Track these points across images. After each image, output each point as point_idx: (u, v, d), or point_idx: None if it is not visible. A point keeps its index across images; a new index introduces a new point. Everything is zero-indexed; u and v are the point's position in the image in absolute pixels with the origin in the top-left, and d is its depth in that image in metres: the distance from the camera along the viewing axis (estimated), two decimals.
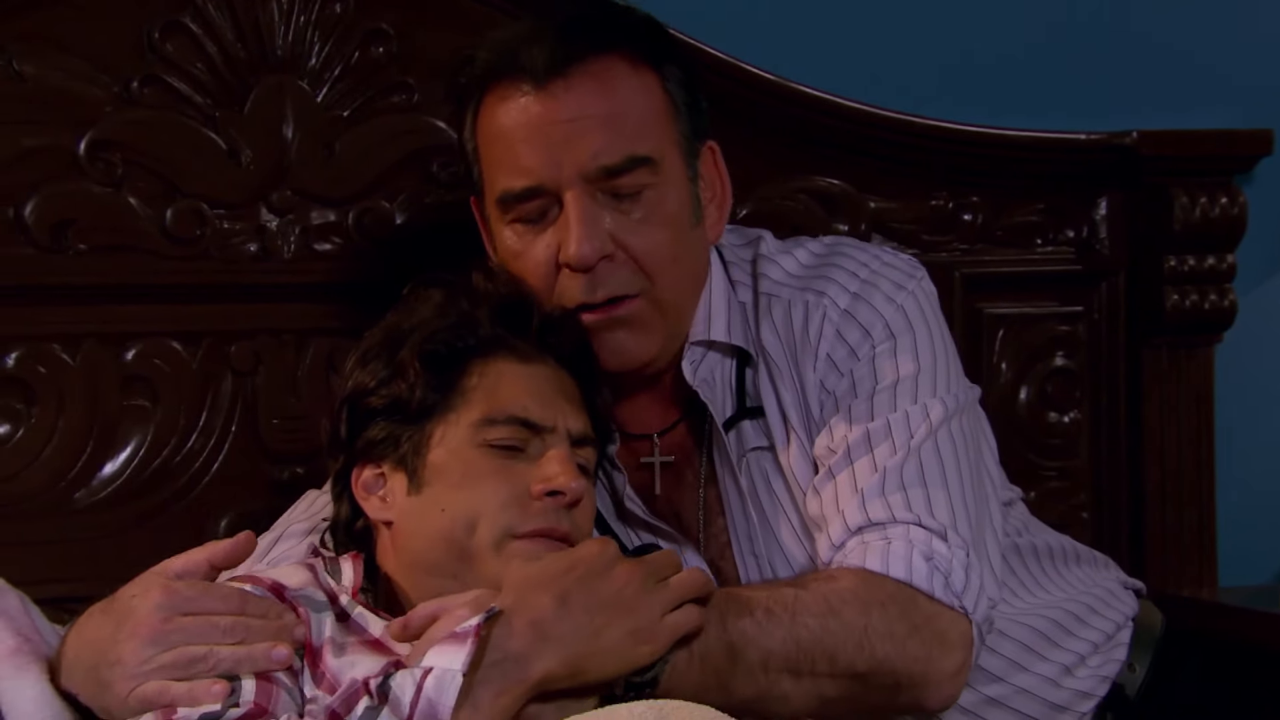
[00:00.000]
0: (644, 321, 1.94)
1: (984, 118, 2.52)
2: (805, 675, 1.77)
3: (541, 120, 1.90)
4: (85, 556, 2.21)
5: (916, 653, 1.81)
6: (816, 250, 2.06)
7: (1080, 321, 2.59)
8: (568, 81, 1.90)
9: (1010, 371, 2.57)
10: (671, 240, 1.93)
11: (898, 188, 2.52)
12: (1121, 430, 2.59)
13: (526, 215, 1.93)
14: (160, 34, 2.27)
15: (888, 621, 1.80)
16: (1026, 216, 2.56)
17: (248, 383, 2.30)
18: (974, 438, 1.99)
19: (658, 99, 1.95)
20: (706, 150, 2.01)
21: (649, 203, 1.92)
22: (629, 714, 1.60)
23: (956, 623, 1.84)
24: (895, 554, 1.83)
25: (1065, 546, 2.24)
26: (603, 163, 1.90)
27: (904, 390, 1.94)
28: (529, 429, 1.83)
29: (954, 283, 2.53)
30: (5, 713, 1.71)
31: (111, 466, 2.25)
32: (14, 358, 2.22)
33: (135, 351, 2.26)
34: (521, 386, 1.85)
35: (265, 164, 2.29)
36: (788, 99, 2.45)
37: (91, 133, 2.24)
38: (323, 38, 2.32)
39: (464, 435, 1.83)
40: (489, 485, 1.81)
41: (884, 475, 1.89)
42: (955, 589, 1.84)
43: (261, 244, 2.30)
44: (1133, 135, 2.53)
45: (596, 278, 1.91)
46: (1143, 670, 2.17)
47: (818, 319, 1.98)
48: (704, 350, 2.01)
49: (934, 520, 1.86)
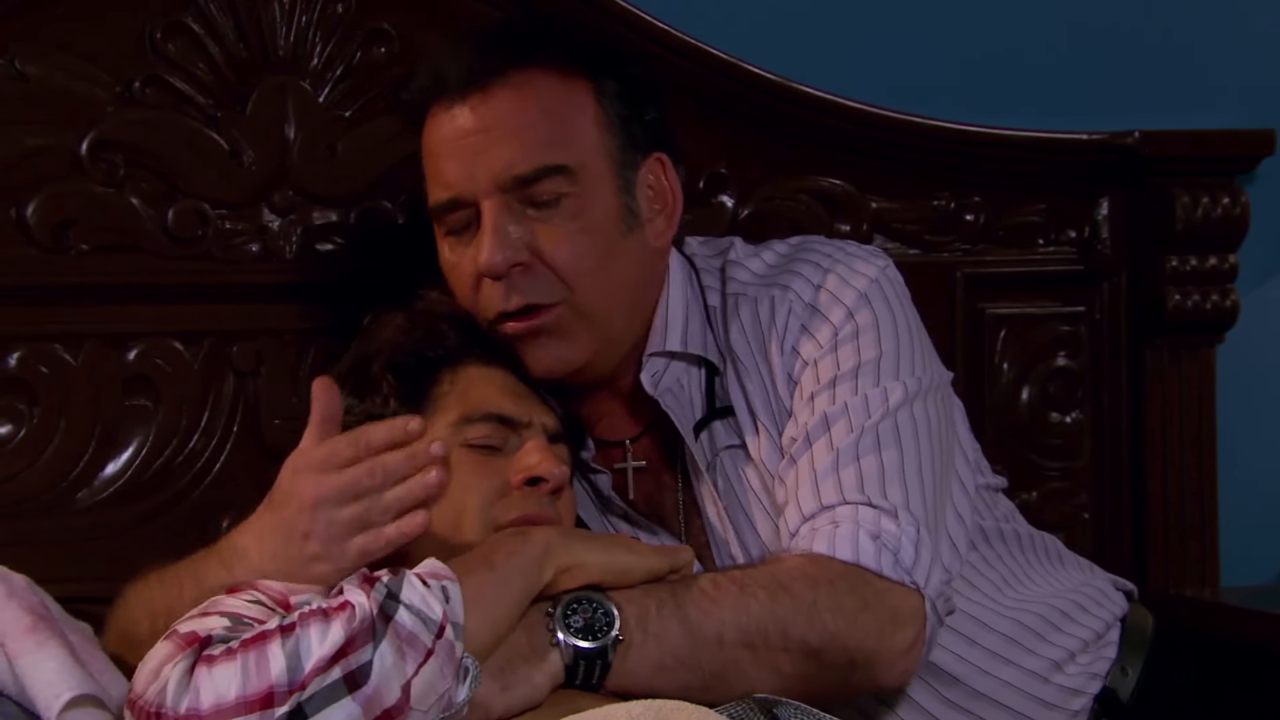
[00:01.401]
0: (565, 330, 1.96)
1: (986, 118, 2.51)
2: (760, 648, 1.78)
3: (460, 133, 1.95)
4: (87, 556, 2.21)
5: (868, 628, 1.82)
6: (783, 250, 2.09)
7: (1082, 322, 2.59)
8: (485, 94, 1.95)
9: (1012, 372, 2.57)
10: (592, 248, 1.96)
11: (899, 188, 2.52)
12: (1123, 431, 2.59)
13: (453, 227, 1.98)
14: (162, 34, 2.27)
15: (836, 597, 1.81)
16: (1028, 216, 2.56)
17: (249, 383, 2.30)
18: (941, 421, 2.00)
19: (585, 110, 1.98)
20: (653, 161, 2.03)
21: (568, 210, 1.95)
22: (626, 714, 1.60)
23: (907, 598, 1.85)
24: (841, 536, 1.85)
25: (1050, 544, 2.24)
26: (516, 172, 1.94)
27: (865, 374, 1.96)
28: (506, 425, 1.87)
29: (956, 283, 2.53)
30: (28, 686, 1.73)
31: (113, 467, 2.25)
32: (16, 358, 2.22)
33: (137, 352, 2.26)
34: (494, 387, 1.89)
35: (267, 164, 2.30)
36: (789, 99, 2.45)
37: (93, 133, 2.24)
38: (324, 38, 2.32)
39: (442, 439, 1.84)
40: (470, 481, 1.83)
41: (838, 455, 1.91)
42: (905, 564, 1.85)
43: (263, 244, 2.30)
44: (1134, 135, 2.53)
45: (512, 285, 1.94)
46: (1135, 674, 2.16)
47: (783, 312, 2.01)
48: (666, 360, 2.04)
49: (884, 500, 1.88)
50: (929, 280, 2.51)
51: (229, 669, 1.56)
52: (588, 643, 1.72)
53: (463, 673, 1.61)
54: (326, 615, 1.58)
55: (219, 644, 1.59)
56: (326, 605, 1.59)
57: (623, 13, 2.40)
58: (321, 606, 1.59)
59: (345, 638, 1.56)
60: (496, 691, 1.68)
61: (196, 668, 1.57)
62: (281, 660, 1.55)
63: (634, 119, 2.01)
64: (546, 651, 1.71)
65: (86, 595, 2.13)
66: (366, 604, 1.58)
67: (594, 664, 1.72)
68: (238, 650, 1.57)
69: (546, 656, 1.71)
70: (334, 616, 1.58)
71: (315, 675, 1.55)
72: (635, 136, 2.00)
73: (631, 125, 2.00)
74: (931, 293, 2.52)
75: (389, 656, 1.57)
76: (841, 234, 2.49)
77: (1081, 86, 2.64)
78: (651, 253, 2.03)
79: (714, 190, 2.47)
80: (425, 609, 1.60)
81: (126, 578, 2.02)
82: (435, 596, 1.61)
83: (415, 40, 2.33)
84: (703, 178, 2.46)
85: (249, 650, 1.56)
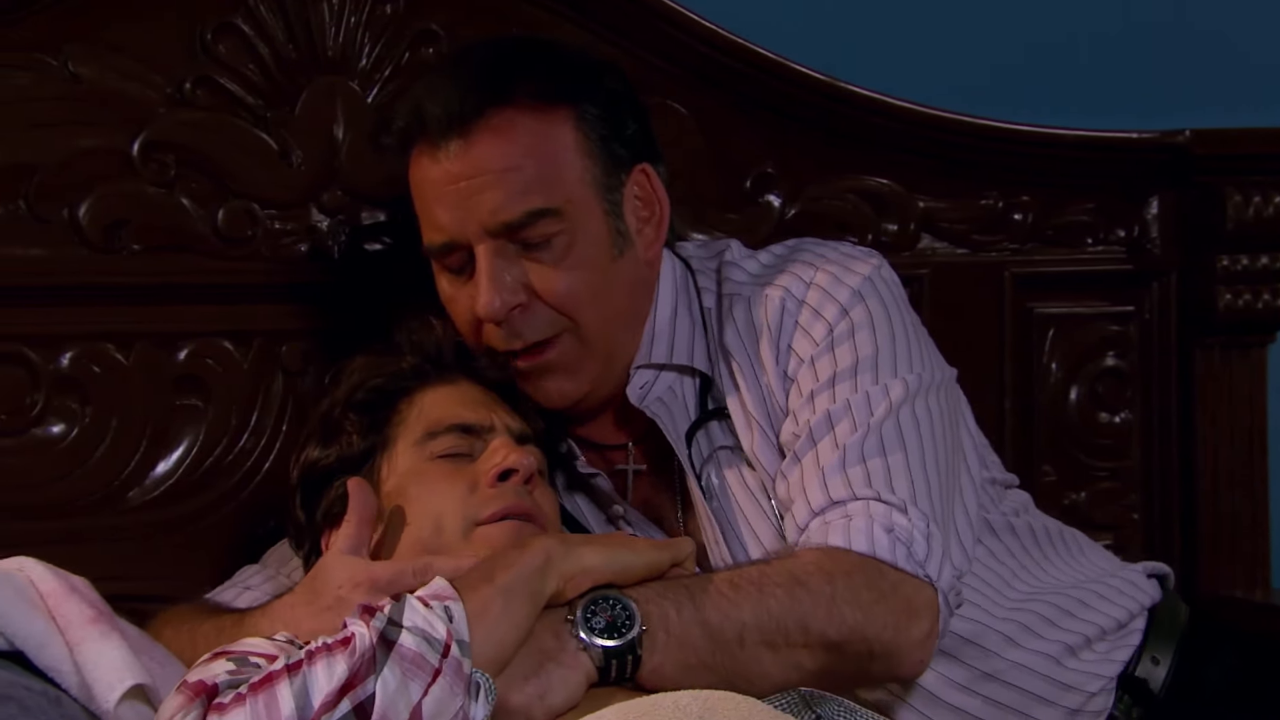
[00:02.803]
0: (571, 362, 2.01)
1: (1036, 117, 2.50)
2: (781, 647, 1.79)
3: (444, 179, 1.98)
4: (138, 555, 2.23)
5: (885, 619, 1.83)
6: (779, 252, 2.12)
7: (1131, 321, 2.58)
8: (467, 139, 1.97)
9: (1061, 371, 2.56)
10: (588, 280, 1.99)
11: (947, 187, 2.51)
12: (1173, 431, 2.58)
13: (450, 266, 2.02)
14: (213, 35, 2.28)
15: (853, 590, 1.82)
16: (1077, 216, 2.55)
17: (299, 382, 2.31)
18: (945, 416, 2.02)
19: (565, 142, 2.00)
20: (637, 174, 2.05)
21: (559, 248, 1.98)
22: (674, 704, 1.61)
23: (921, 590, 1.87)
24: (856, 529, 1.86)
25: (1070, 537, 2.24)
26: (502, 219, 1.97)
27: (864, 371, 1.98)
28: (469, 433, 1.91)
29: (1004, 282, 2.52)
30: (88, 671, 1.75)
31: (164, 466, 2.26)
32: (68, 357, 2.23)
33: (187, 351, 2.28)
34: (453, 401, 1.95)
35: (316, 164, 2.31)
36: (837, 98, 2.45)
37: (145, 133, 2.25)
38: (373, 38, 2.33)
39: (410, 457, 1.91)
40: (443, 486, 1.88)
41: (844, 453, 1.92)
42: (918, 558, 1.86)
43: (312, 244, 2.31)
44: (1185, 134, 2.51)
45: (513, 327, 1.99)
46: (1166, 664, 2.16)
47: (776, 310, 2.03)
48: (656, 371, 2.07)
49: (893, 495, 1.89)
50: (977, 280, 2.52)
51: (239, 715, 1.56)
52: (613, 641, 1.73)
53: (475, 689, 1.61)
54: (331, 650, 1.58)
55: (228, 690, 1.59)
56: (330, 640, 1.60)
57: (670, 12, 2.40)
58: (326, 642, 1.60)
59: (349, 671, 1.57)
60: (535, 698, 1.69)
61: (207, 717, 1.58)
62: (290, 700, 1.56)
63: (615, 138, 2.03)
64: (576, 654, 1.72)
65: (137, 593, 2.16)
66: (367, 633, 1.59)
67: (624, 659, 1.73)
68: (247, 695, 1.58)
69: (578, 658, 1.72)
70: (338, 651, 1.58)
71: (325, 711, 1.56)
72: (618, 156, 2.03)
73: (613, 145, 2.03)
74: (980, 292, 2.52)
75: (392, 681, 1.57)
76: (889, 233, 2.49)
77: (1131, 85, 2.63)
78: (644, 266, 2.06)
79: (761, 190, 2.46)
80: (429, 629, 1.60)
81: (176, 576, 2.04)
82: (438, 616, 1.62)
83: (463, 40, 2.33)
84: (749, 177, 2.46)
85: (258, 694, 1.57)
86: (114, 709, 1.74)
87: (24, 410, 2.21)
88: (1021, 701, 2.08)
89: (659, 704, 1.62)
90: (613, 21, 2.39)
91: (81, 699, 1.77)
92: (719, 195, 2.45)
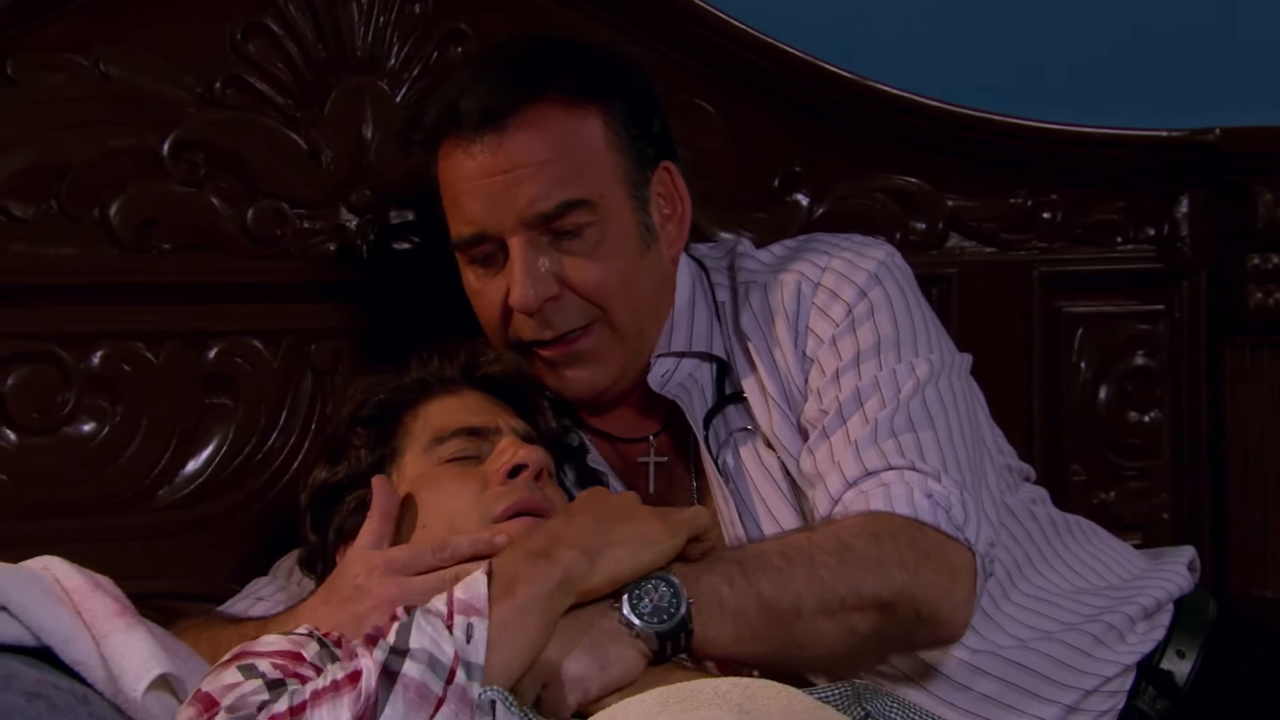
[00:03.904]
0: (601, 351, 2.05)
1: (1066, 116, 2.50)
2: (837, 613, 1.82)
3: (479, 173, 2.01)
4: (168, 553, 2.24)
5: (930, 579, 1.86)
6: (791, 244, 2.16)
7: (1161, 320, 2.57)
8: (502, 134, 2.00)
9: (1089, 370, 2.55)
10: (617, 271, 2.03)
11: (976, 186, 2.51)
12: (1203, 430, 2.57)
13: (478, 258, 2.05)
14: (242, 35, 2.29)
15: (899, 550, 1.85)
16: (1106, 215, 2.54)
17: (328, 381, 2.32)
18: (966, 399, 2.05)
19: (596, 137, 2.03)
20: (661, 171, 2.09)
21: (591, 240, 2.02)
22: (714, 691, 1.62)
23: (961, 554, 1.90)
24: (896, 495, 1.90)
25: (1085, 526, 2.26)
26: (539, 209, 2.00)
27: (887, 350, 2.01)
28: (476, 436, 1.94)
29: (1033, 281, 2.52)
30: (115, 663, 1.76)
31: (194, 464, 2.27)
32: (99, 356, 2.24)
33: (217, 350, 2.28)
34: (458, 408, 1.97)
35: (345, 164, 2.31)
36: (866, 97, 2.45)
37: (175, 133, 2.26)
38: (402, 38, 2.34)
39: (419, 465, 1.93)
40: (454, 488, 1.90)
41: (875, 427, 1.96)
42: (956, 522, 1.90)
43: (341, 243, 2.32)
44: (1215, 132, 2.50)
45: (545, 318, 2.03)
46: (1193, 658, 2.15)
47: (792, 293, 2.07)
48: (676, 360, 2.10)
49: (926, 465, 1.93)
50: (1005, 279, 2.51)
51: None
52: (663, 624, 1.74)
53: (488, 705, 1.61)
54: (338, 689, 1.58)
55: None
56: (337, 678, 1.59)
57: (699, 11, 2.40)
58: (334, 679, 1.59)
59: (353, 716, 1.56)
60: (595, 670, 1.70)
61: None
62: None
63: (642, 135, 2.06)
64: (631, 636, 1.73)
65: (165, 591, 2.17)
66: (372, 669, 1.58)
67: (677, 638, 1.74)
68: None
69: (633, 639, 1.73)
70: (344, 691, 1.58)
71: None
72: (645, 153, 2.07)
73: (641, 143, 2.06)
74: (1008, 291, 2.51)
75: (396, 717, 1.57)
76: (918, 232, 2.49)
77: (1162, 84, 2.62)
78: (667, 262, 2.10)
79: (789, 189, 2.47)
80: (436, 651, 1.60)
81: (205, 574, 2.05)
82: (448, 639, 1.61)
83: (492, 39, 2.34)
84: (777, 176, 2.46)
85: None
86: (140, 698, 1.75)
87: (55, 409, 2.22)
88: (1033, 682, 2.08)
89: (699, 690, 1.63)
90: (641, 20, 2.40)
91: (108, 692, 1.78)
92: (747, 194, 2.45)
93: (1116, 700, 2.13)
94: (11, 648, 1.78)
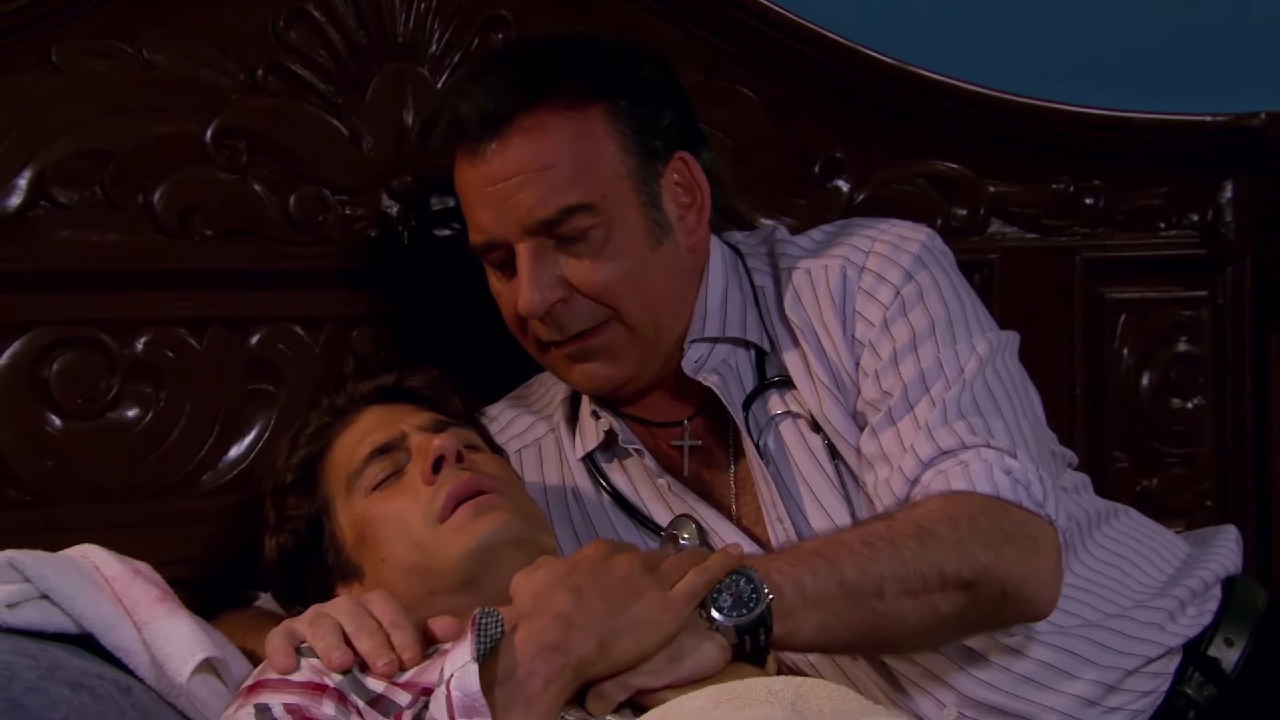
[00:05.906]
0: (616, 347, 2.06)
1: (1110, 101, 2.49)
2: (920, 594, 1.84)
3: (483, 181, 2.03)
4: (211, 538, 2.24)
5: (1014, 556, 1.88)
6: (829, 229, 2.17)
7: (1204, 306, 2.56)
8: (502, 141, 2.02)
9: (1132, 357, 2.54)
10: (625, 271, 2.03)
11: (1018, 171, 2.50)
12: (1247, 417, 2.56)
13: (494, 263, 2.08)
14: (285, 22, 2.29)
15: (980, 531, 1.87)
16: (1149, 200, 2.53)
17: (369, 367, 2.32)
18: (1020, 378, 2.07)
19: (598, 139, 2.03)
20: (675, 162, 2.08)
21: (596, 242, 2.02)
22: (767, 689, 1.62)
23: (1044, 529, 1.92)
24: (976, 473, 1.91)
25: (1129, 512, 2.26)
26: (539, 217, 2.01)
27: (942, 331, 2.03)
28: (386, 453, 1.95)
29: (1075, 267, 2.51)
30: (158, 648, 1.79)
31: (236, 450, 2.28)
32: (143, 342, 2.25)
33: (259, 336, 2.29)
34: (357, 437, 1.99)
35: (386, 150, 2.32)
36: (907, 83, 2.44)
37: (218, 120, 2.26)
38: (443, 24, 2.34)
39: (351, 505, 1.95)
40: (391, 511, 1.92)
41: (944, 408, 1.97)
42: (1036, 498, 1.91)
43: (382, 229, 2.32)
44: (1260, 117, 2.49)
45: (556, 320, 2.04)
46: (1241, 646, 2.15)
47: (839, 278, 2.07)
48: (710, 345, 2.10)
49: (999, 442, 1.94)
50: (1048, 264, 2.50)
51: None
52: (743, 617, 1.74)
53: None
54: None
55: None
56: None
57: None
58: None
59: None
60: (665, 662, 1.71)
61: None
62: None
63: (650, 131, 2.06)
64: (709, 630, 1.74)
65: (210, 576, 2.18)
66: None
67: (756, 632, 1.75)
68: None
69: (712, 633, 1.74)
70: None
71: None
72: (653, 147, 2.06)
73: (648, 138, 2.05)
74: (1050, 277, 2.51)
75: None
76: (959, 218, 2.48)
77: (1207, 69, 2.61)
78: (686, 252, 2.09)
79: (829, 175, 2.46)
80: None
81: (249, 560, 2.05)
82: None
83: (532, 26, 2.34)
84: (818, 162, 2.46)
85: None
86: (186, 683, 1.77)
87: (99, 395, 2.23)
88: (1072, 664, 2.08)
89: (752, 688, 1.63)
90: (682, 5, 2.39)
91: (151, 679, 1.79)
92: (788, 180, 2.45)
93: (1160, 682, 2.12)
94: (54, 635, 1.79)
